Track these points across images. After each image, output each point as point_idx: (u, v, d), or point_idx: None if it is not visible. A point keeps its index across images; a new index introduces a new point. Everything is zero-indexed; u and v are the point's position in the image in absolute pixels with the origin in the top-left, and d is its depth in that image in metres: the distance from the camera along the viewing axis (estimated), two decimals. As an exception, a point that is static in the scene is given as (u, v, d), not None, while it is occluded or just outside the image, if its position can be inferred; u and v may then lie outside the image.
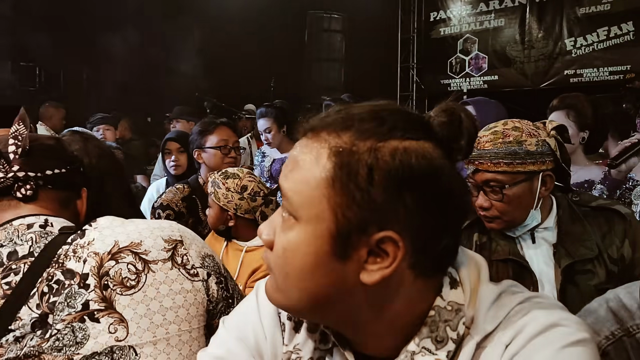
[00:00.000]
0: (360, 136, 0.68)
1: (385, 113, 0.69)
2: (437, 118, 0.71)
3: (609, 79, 7.76)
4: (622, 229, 1.54)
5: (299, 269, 0.69)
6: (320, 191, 0.67)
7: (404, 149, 0.67)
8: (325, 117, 0.72)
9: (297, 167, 0.70)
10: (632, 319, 0.88)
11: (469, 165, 1.59)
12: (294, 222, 0.70)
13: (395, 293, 0.71)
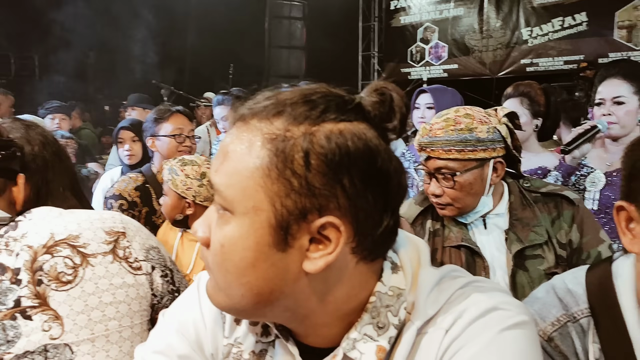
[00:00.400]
0: (293, 121, 0.65)
1: (316, 96, 0.67)
2: (369, 98, 0.69)
3: (563, 68, 7.95)
4: (570, 214, 1.57)
5: (239, 264, 0.66)
6: (255, 181, 0.65)
7: (339, 131, 0.65)
8: (254, 104, 0.68)
9: (228, 158, 0.67)
10: (577, 305, 0.89)
11: (421, 153, 1.59)
12: (230, 216, 0.66)
13: (339, 280, 0.69)
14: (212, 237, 0.69)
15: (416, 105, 3.03)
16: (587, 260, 1.56)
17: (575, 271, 0.95)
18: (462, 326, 0.68)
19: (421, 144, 1.57)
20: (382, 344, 0.70)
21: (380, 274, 0.72)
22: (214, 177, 0.69)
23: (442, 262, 1.60)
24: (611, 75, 2.12)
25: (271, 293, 0.68)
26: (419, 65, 9.58)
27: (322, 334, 0.73)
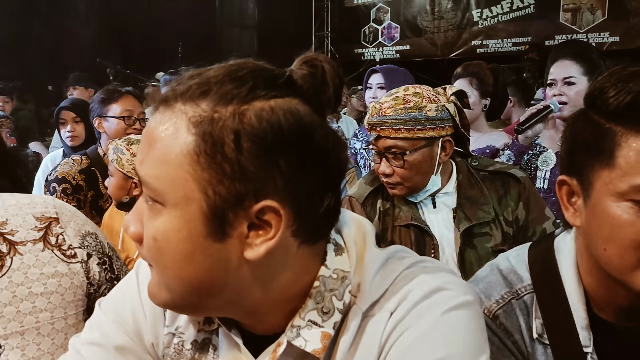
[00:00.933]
0: (220, 101, 0.61)
1: (243, 72, 0.63)
2: (299, 71, 0.66)
3: (512, 49, 8.12)
4: (517, 192, 1.59)
5: (176, 258, 0.62)
6: (184, 169, 0.60)
7: (270, 109, 0.61)
8: (177, 85, 0.64)
9: (153, 147, 0.62)
10: (520, 282, 0.89)
11: (371, 132, 1.57)
12: (161, 207, 0.62)
13: (281, 265, 0.67)
14: (145, 232, 0.64)
15: (368, 85, 3.02)
16: (532, 237, 1.59)
17: (518, 249, 0.95)
18: (406, 308, 0.67)
19: (371, 123, 1.55)
20: (327, 330, 0.67)
21: (323, 257, 0.70)
22: (140, 168, 0.64)
23: (392, 241, 1.60)
24: (562, 57, 2.15)
25: (212, 285, 0.64)
26: (372, 46, 9.59)
27: (266, 322, 0.71)
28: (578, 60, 2.11)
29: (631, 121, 0.73)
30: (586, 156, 0.78)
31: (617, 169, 0.74)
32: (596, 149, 0.76)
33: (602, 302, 0.84)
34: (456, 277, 0.72)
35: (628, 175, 0.72)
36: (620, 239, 0.74)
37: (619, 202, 0.74)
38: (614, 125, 0.75)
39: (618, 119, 0.74)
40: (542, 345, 0.86)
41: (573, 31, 7.69)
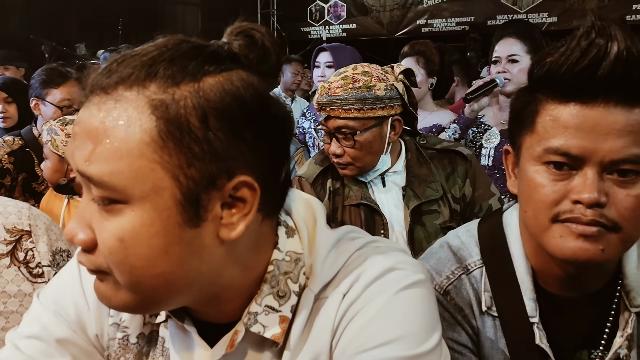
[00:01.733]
0: (171, 82, 0.57)
1: (185, 49, 0.59)
2: (236, 42, 0.64)
3: (456, 29, 8.24)
4: (463, 169, 1.62)
5: (149, 255, 0.58)
6: (149, 159, 0.56)
7: (228, 82, 0.59)
8: (110, 72, 0.59)
9: (100, 142, 0.57)
10: (470, 257, 0.91)
11: (321, 112, 1.56)
12: (123, 206, 0.57)
13: (251, 241, 0.65)
14: (100, 236, 0.59)
15: (316, 64, 3.00)
16: (479, 213, 1.63)
17: (468, 225, 0.97)
18: (359, 289, 0.66)
19: (320, 103, 1.54)
20: (285, 313, 0.67)
21: (276, 241, 0.69)
22: (87, 168, 0.57)
23: (343, 221, 1.60)
24: (506, 35, 2.21)
25: (187, 276, 0.61)
26: (318, 25, 9.52)
27: (223, 309, 0.68)
28: (522, 38, 2.17)
29: (549, 88, 0.76)
30: (517, 123, 0.82)
31: (535, 134, 0.78)
32: (523, 116, 0.81)
33: (544, 274, 0.86)
34: (408, 256, 0.72)
35: (543, 139, 0.76)
36: (535, 200, 0.77)
37: (535, 165, 0.78)
38: (538, 94, 0.78)
39: (539, 88, 0.78)
40: (491, 318, 0.88)
41: (514, 11, 7.87)
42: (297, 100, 4.67)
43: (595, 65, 0.70)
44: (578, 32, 0.72)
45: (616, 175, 0.73)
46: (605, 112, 0.71)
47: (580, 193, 0.73)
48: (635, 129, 0.71)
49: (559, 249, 0.76)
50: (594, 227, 0.73)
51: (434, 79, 2.64)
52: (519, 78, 2.14)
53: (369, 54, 7.51)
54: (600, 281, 0.85)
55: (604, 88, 0.71)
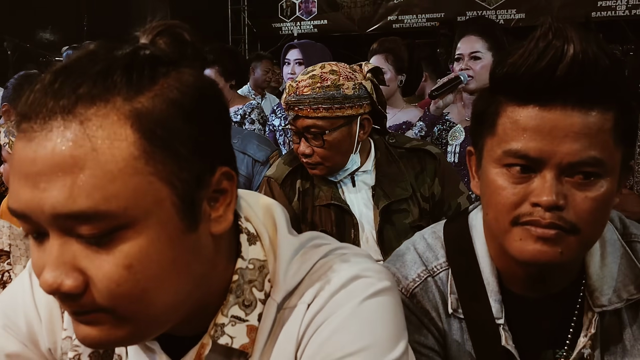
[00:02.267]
0: (135, 90, 0.55)
1: (128, 55, 0.57)
2: (160, 41, 0.62)
3: (426, 25, 8.30)
4: (432, 168, 1.62)
5: (160, 273, 0.56)
6: (144, 172, 0.54)
7: (186, 79, 0.58)
8: (57, 92, 0.53)
9: (81, 172, 0.51)
10: (436, 259, 0.91)
11: (289, 112, 1.54)
12: (125, 231, 0.54)
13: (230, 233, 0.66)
14: (99, 274, 0.54)
15: (286, 61, 2.97)
16: (448, 212, 1.63)
17: (434, 227, 0.97)
18: (323, 299, 0.65)
19: (289, 102, 1.52)
20: (252, 322, 0.66)
21: (238, 249, 0.67)
22: (73, 205, 0.51)
23: (313, 222, 1.59)
24: (468, 32, 2.23)
25: (192, 284, 0.60)
26: (289, 21, 9.47)
27: (190, 322, 0.66)
28: (483, 36, 2.20)
29: (509, 91, 0.76)
30: (479, 125, 0.82)
31: (496, 137, 0.78)
32: (485, 118, 0.80)
33: (508, 275, 0.87)
34: (373, 263, 0.71)
35: (503, 141, 0.76)
36: (495, 203, 0.77)
37: (496, 168, 0.78)
38: (499, 95, 0.78)
39: (500, 89, 0.78)
40: (458, 320, 0.88)
41: (483, 7, 7.96)
42: (267, 97, 4.63)
43: (552, 68, 0.70)
44: (535, 33, 0.72)
45: (574, 177, 0.73)
46: (562, 115, 0.72)
47: (539, 196, 0.73)
48: (592, 131, 0.71)
49: (519, 252, 0.76)
50: (553, 230, 0.73)
51: (403, 76, 2.65)
52: (481, 75, 2.17)
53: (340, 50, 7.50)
54: (564, 281, 0.85)
55: (561, 91, 0.71)
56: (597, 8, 7.27)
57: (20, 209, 0.54)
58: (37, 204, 0.52)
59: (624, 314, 0.84)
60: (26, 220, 0.54)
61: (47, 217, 0.52)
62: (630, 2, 7.12)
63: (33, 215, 0.53)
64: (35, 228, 0.55)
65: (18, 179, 0.53)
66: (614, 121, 0.73)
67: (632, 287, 0.83)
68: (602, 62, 0.70)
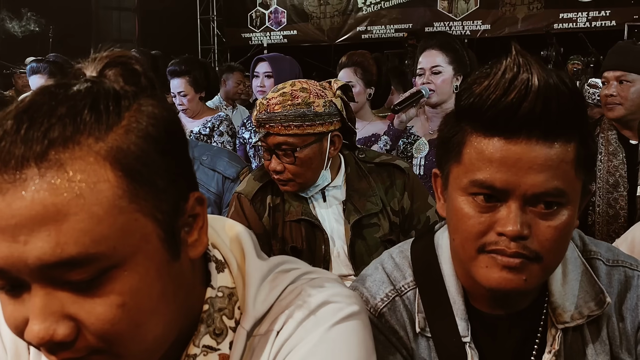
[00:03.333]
0: (105, 127, 0.54)
1: (88, 93, 0.55)
2: (109, 73, 0.60)
3: (394, 35, 8.41)
4: (401, 182, 1.64)
5: (151, 306, 0.56)
6: (128, 209, 0.53)
7: (148, 110, 0.58)
8: (25, 140, 0.50)
9: (68, 216, 0.50)
10: (404, 278, 0.92)
11: (260, 129, 1.54)
12: (115, 270, 0.53)
13: (201, 260, 0.68)
14: (91, 317, 0.53)
15: (255, 74, 2.97)
16: (417, 225, 1.65)
17: (401, 245, 0.98)
18: (292, 326, 0.66)
19: (260, 120, 1.52)
20: (224, 350, 0.66)
21: (208, 278, 0.67)
22: (62, 253, 0.50)
23: (284, 237, 1.59)
24: (430, 47, 2.28)
25: (179, 312, 0.61)
26: (259, 31, 9.48)
27: (164, 352, 0.64)
28: (444, 50, 2.24)
29: (474, 121, 0.77)
30: (445, 151, 0.83)
31: (462, 165, 0.79)
32: (451, 145, 0.81)
33: (473, 293, 0.88)
34: (342, 287, 0.72)
35: (469, 171, 0.77)
36: (462, 230, 0.79)
37: (462, 196, 0.79)
38: (464, 124, 0.79)
39: (466, 118, 0.79)
40: (425, 339, 0.89)
41: (450, 19, 8.12)
42: (238, 108, 4.62)
43: (517, 103, 0.72)
44: (501, 64, 0.74)
45: (537, 207, 0.75)
46: (527, 148, 0.73)
47: (505, 226, 0.74)
48: (554, 163, 0.74)
49: (485, 279, 0.78)
50: (517, 259, 0.75)
51: (372, 89, 2.67)
52: (442, 88, 2.23)
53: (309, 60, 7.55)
54: (527, 299, 0.87)
55: (525, 124, 0.73)
56: (560, 20, 7.48)
57: None
58: (18, 257, 0.50)
59: (586, 330, 0.86)
60: (1, 276, 0.52)
61: (31, 270, 0.50)
62: (590, 15, 7.34)
63: (12, 269, 0.51)
64: (11, 282, 0.53)
65: (8, 234, 0.50)
66: (576, 152, 0.75)
67: (592, 304, 0.85)
68: (565, 96, 0.72)
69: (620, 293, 0.88)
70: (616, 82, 2.02)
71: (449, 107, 2.30)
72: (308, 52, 8.27)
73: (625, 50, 2.11)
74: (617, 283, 0.88)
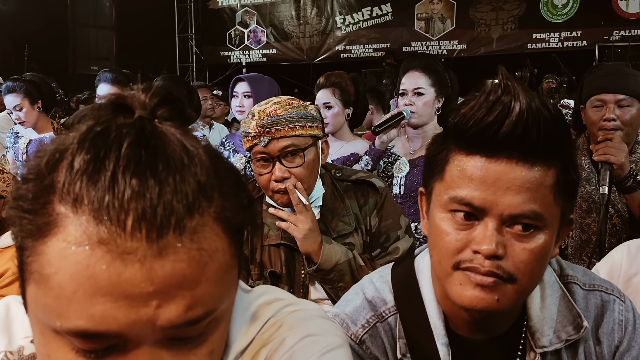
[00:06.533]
0: (211, 187, 0.52)
1: (196, 150, 0.52)
2: (160, 113, 0.56)
3: (373, 55, 8.51)
4: (374, 201, 1.63)
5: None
6: (233, 265, 0.55)
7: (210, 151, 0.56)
8: (169, 207, 0.48)
9: (200, 281, 0.50)
10: (384, 304, 0.91)
11: (260, 138, 1.49)
12: (216, 320, 0.55)
13: None
14: None
15: (234, 94, 2.96)
16: (385, 243, 1.62)
17: (382, 270, 0.98)
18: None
19: (264, 125, 1.48)
20: None
21: None
22: (190, 315, 0.50)
23: (262, 262, 1.57)
24: (412, 68, 2.30)
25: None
26: (238, 49, 9.52)
27: None
28: (426, 72, 2.27)
29: (458, 140, 0.79)
30: (430, 169, 0.85)
31: (444, 182, 0.80)
32: (435, 163, 0.83)
33: (453, 317, 0.88)
34: (324, 318, 0.71)
35: (450, 188, 0.79)
36: (439, 246, 0.80)
37: (442, 212, 0.80)
38: (449, 144, 0.81)
39: (451, 138, 0.80)
40: (406, 364, 0.88)
41: (427, 38, 8.26)
42: (215, 127, 4.57)
43: (499, 123, 0.73)
44: (487, 87, 0.76)
45: (514, 228, 0.76)
46: (507, 168, 0.74)
47: (480, 244, 0.75)
48: (533, 186, 0.74)
49: (458, 296, 0.78)
50: (491, 278, 0.75)
51: (350, 109, 2.68)
52: (423, 110, 2.25)
53: (287, 79, 7.59)
54: (506, 323, 0.87)
55: (506, 144, 0.74)
56: (533, 40, 7.66)
57: (111, 329, 0.48)
58: (146, 321, 0.49)
59: (564, 353, 0.86)
60: (106, 339, 0.50)
61: (155, 331, 0.50)
62: (562, 35, 7.53)
63: (131, 332, 0.49)
64: (109, 344, 0.50)
65: (140, 300, 0.48)
66: (556, 177, 0.76)
67: (570, 328, 0.85)
68: (546, 119, 0.73)
69: (597, 317, 0.89)
70: (615, 106, 1.94)
71: (429, 129, 2.32)
72: (287, 71, 8.31)
73: (623, 74, 2.04)
74: (594, 307, 0.89)
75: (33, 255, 0.49)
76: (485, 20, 7.86)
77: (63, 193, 0.47)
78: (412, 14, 8.31)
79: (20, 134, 3.47)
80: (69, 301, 0.47)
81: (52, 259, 0.48)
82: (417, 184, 2.27)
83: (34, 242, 0.49)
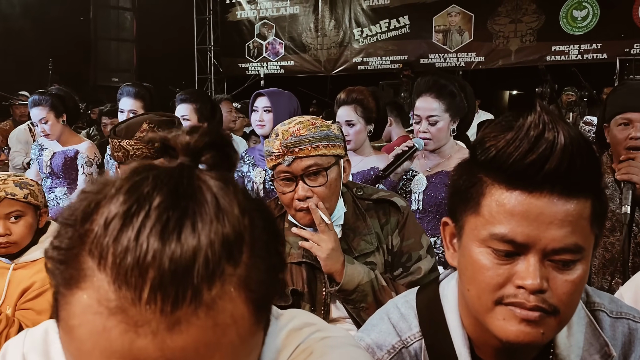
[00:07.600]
0: (237, 251, 0.50)
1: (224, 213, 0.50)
2: (204, 158, 0.55)
3: (390, 67, 8.52)
4: (396, 220, 1.64)
5: None
6: (257, 331, 0.54)
7: (260, 216, 0.55)
8: (185, 277, 0.47)
9: (215, 353, 0.49)
10: (409, 329, 0.92)
11: (284, 158, 1.51)
12: None
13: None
14: None
15: (254, 109, 2.99)
16: (407, 263, 1.62)
17: (406, 294, 0.98)
18: None
19: (287, 145, 1.50)
20: None
21: None
22: None
23: (284, 280, 1.58)
24: (426, 92, 2.27)
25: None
26: (256, 61, 9.60)
27: None
28: (440, 97, 2.24)
29: (495, 174, 0.78)
30: (461, 201, 0.83)
31: (481, 217, 0.79)
32: (468, 196, 0.81)
33: (480, 343, 0.88)
34: (352, 345, 0.71)
35: (489, 223, 0.77)
36: (479, 281, 0.79)
37: (480, 247, 0.79)
38: (483, 176, 0.80)
39: (486, 170, 0.79)
40: (431, 390, 0.88)
41: (444, 51, 8.25)
42: (234, 139, 4.59)
43: (543, 159, 0.73)
44: (525, 120, 0.75)
45: (555, 261, 0.76)
46: (549, 202, 0.74)
47: (524, 279, 0.75)
48: (574, 219, 0.75)
49: (503, 332, 0.77)
50: (537, 312, 0.75)
51: (372, 126, 2.69)
52: (439, 137, 2.25)
53: (304, 90, 7.62)
54: (533, 351, 0.87)
55: (549, 180, 0.74)
56: (552, 52, 7.60)
57: None
58: None
59: (591, 382, 0.86)
60: None
61: None
62: (582, 48, 7.47)
63: None
64: None
65: None
66: (592, 208, 0.76)
67: (597, 356, 0.85)
68: (587, 153, 0.74)
69: (625, 345, 0.88)
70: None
71: (446, 148, 2.33)
72: (304, 83, 8.36)
73: None
74: (621, 335, 0.88)
75: (63, 304, 0.50)
76: (504, 33, 7.83)
77: (92, 245, 0.48)
78: (429, 26, 8.31)
79: (45, 146, 3.54)
80: (88, 356, 0.48)
81: (77, 312, 0.48)
82: (435, 199, 2.29)
83: (64, 290, 0.49)
